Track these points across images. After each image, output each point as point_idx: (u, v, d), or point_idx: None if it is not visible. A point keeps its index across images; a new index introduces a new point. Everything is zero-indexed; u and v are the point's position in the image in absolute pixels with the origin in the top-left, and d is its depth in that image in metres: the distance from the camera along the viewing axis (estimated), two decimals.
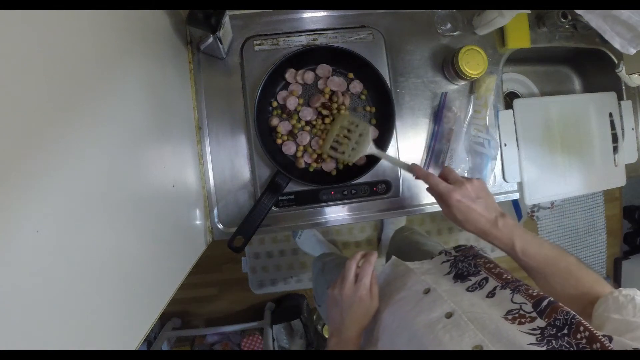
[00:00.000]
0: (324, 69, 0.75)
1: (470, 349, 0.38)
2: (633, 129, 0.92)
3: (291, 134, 0.74)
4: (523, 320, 0.40)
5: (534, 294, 0.43)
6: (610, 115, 0.90)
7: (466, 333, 0.40)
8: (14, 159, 0.28)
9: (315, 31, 0.77)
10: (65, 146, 0.33)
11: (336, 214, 0.78)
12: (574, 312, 0.38)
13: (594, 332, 0.35)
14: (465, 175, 0.80)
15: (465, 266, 0.54)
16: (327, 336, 1.47)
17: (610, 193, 1.84)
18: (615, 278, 1.86)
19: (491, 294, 0.46)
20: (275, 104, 0.74)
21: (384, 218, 0.81)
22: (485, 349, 0.37)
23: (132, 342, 0.43)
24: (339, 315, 0.54)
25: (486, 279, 0.50)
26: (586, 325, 0.35)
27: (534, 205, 1.76)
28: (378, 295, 0.55)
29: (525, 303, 0.42)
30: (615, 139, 0.90)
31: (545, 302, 0.40)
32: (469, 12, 0.81)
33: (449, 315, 0.43)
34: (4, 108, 0.27)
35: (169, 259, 0.58)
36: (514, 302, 0.43)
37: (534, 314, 0.40)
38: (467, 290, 0.49)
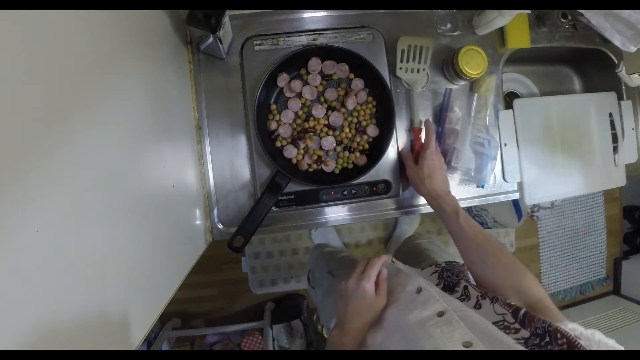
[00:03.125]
0: (313, 62, 0.74)
1: (460, 344, 0.38)
2: (633, 129, 0.91)
3: (292, 138, 0.74)
4: (508, 331, 0.41)
5: (511, 303, 0.44)
6: (610, 115, 0.89)
7: (457, 330, 0.41)
8: (14, 159, 0.28)
9: (315, 31, 0.77)
10: (65, 146, 0.33)
11: (336, 214, 0.78)
12: (549, 320, 0.39)
13: (571, 337, 0.35)
14: (472, 173, 0.80)
15: (449, 275, 0.57)
16: (327, 336, 1.47)
17: (610, 193, 1.84)
18: (615, 278, 1.87)
19: (478, 305, 0.48)
20: (273, 107, 0.74)
21: (384, 218, 0.81)
22: (474, 345, 0.38)
23: (132, 342, 0.43)
24: (344, 307, 0.54)
25: (466, 287, 0.52)
26: (563, 332, 0.36)
27: (534, 205, 1.76)
28: (386, 293, 0.55)
29: (506, 313, 0.43)
30: (615, 139, 0.90)
31: (522, 312, 0.41)
32: (469, 12, 0.81)
33: (440, 314, 0.44)
34: (4, 109, 0.27)
35: (168, 259, 0.58)
36: (497, 313, 0.44)
37: (517, 325, 0.41)
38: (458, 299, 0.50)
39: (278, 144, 0.74)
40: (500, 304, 0.45)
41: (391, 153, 0.77)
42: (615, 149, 0.89)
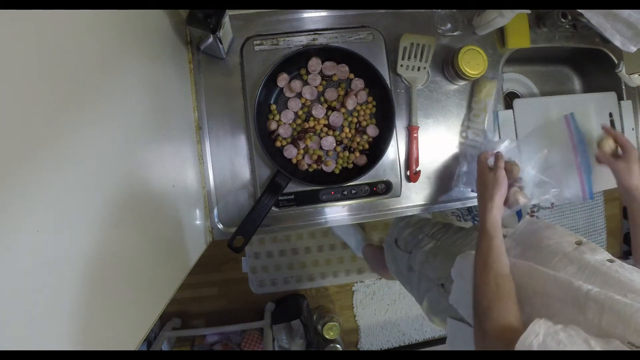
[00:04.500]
0: (313, 62, 0.74)
1: None
2: (633, 129, 0.91)
3: (292, 138, 0.74)
4: None
5: None
6: (610, 115, 0.89)
7: (633, 273, 0.49)
8: (14, 159, 0.28)
9: (315, 31, 0.77)
10: (65, 146, 0.33)
11: (336, 214, 0.78)
12: None
13: None
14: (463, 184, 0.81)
15: None
16: (327, 336, 1.48)
17: (610, 193, 1.83)
18: None
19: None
20: (273, 107, 0.74)
21: (384, 218, 0.81)
22: None
23: (132, 342, 0.43)
24: (492, 190, 0.66)
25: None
26: None
27: (534, 205, 1.76)
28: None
29: None
30: None
31: None
32: (469, 12, 0.81)
33: (611, 261, 0.52)
34: (4, 108, 0.27)
35: (169, 259, 0.58)
36: None
37: None
38: None
39: (278, 144, 0.74)
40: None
41: (391, 153, 0.77)
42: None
